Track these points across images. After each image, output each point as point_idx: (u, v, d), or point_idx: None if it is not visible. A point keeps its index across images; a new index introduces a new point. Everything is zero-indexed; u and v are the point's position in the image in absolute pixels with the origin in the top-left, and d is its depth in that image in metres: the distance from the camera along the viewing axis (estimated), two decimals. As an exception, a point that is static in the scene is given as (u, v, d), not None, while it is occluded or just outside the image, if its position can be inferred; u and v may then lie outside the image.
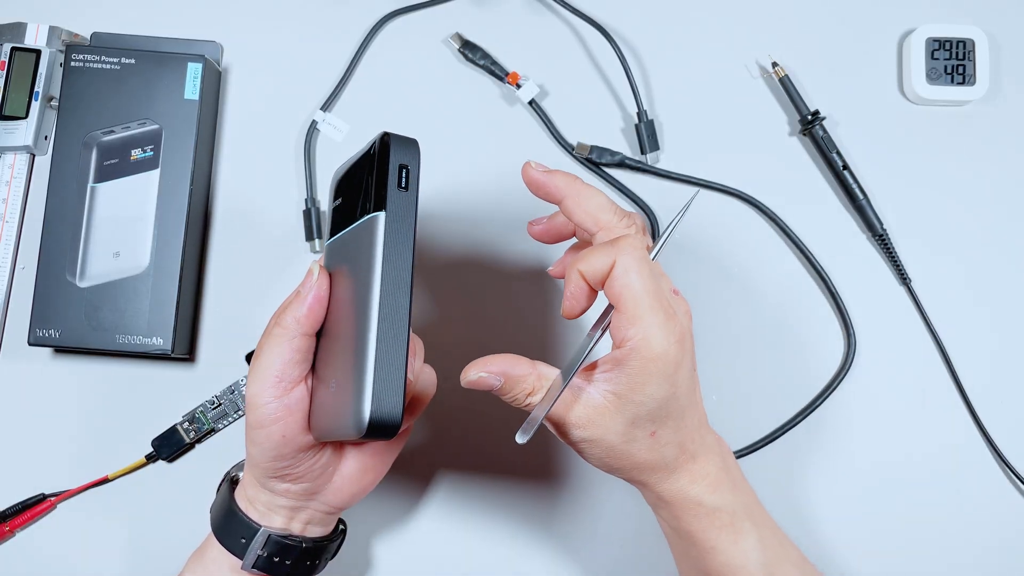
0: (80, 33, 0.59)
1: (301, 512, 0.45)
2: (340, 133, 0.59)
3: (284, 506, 0.44)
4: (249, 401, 0.41)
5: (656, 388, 0.38)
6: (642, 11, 0.60)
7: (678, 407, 0.39)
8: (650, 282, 0.38)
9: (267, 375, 0.40)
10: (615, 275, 0.38)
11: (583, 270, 0.40)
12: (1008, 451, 0.56)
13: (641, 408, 0.39)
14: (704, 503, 0.41)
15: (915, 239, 0.58)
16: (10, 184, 0.58)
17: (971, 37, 0.58)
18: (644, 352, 0.38)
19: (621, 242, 0.39)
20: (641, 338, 0.38)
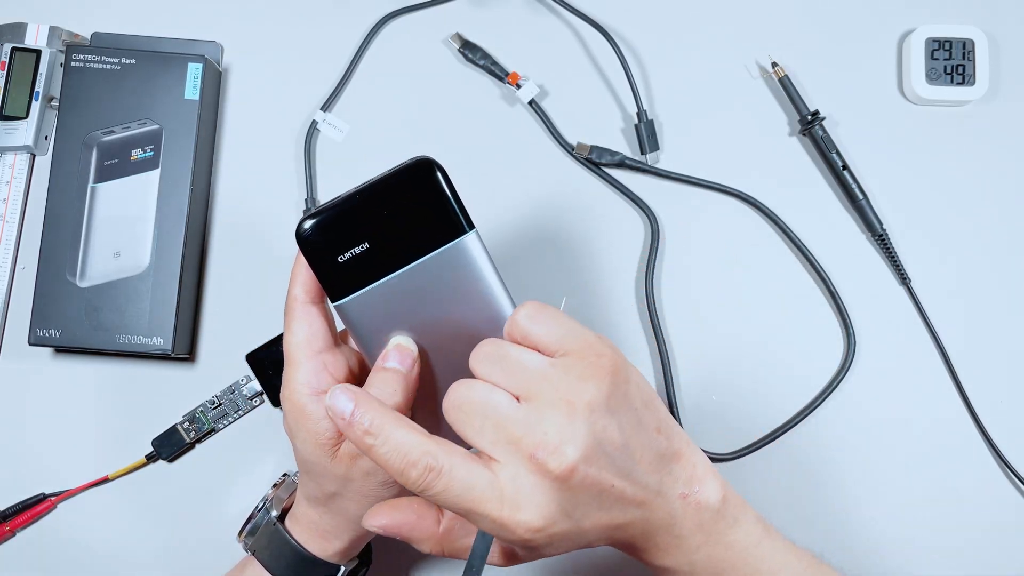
0: (80, 33, 0.59)
1: (367, 538, 0.46)
2: (340, 133, 0.59)
3: (365, 538, 0.45)
4: (385, 480, 0.40)
5: (535, 554, 0.37)
6: (642, 11, 0.60)
7: (576, 539, 0.36)
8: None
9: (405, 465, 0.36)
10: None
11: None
12: (1008, 451, 0.56)
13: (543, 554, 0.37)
14: (649, 563, 0.39)
15: (915, 239, 0.58)
16: (10, 184, 0.58)
17: (971, 37, 0.58)
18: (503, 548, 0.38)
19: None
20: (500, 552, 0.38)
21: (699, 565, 0.38)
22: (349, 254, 0.38)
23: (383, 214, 0.38)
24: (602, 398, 0.35)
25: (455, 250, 0.38)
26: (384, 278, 0.38)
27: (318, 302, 0.40)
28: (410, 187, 0.38)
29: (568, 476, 0.34)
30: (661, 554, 0.38)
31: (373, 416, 0.34)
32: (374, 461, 0.34)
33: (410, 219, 0.38)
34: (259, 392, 0.56)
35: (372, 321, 0.39)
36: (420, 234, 0.38)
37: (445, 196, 0.38)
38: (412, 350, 0.38)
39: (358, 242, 0.38)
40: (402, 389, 0.38)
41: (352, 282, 0.38)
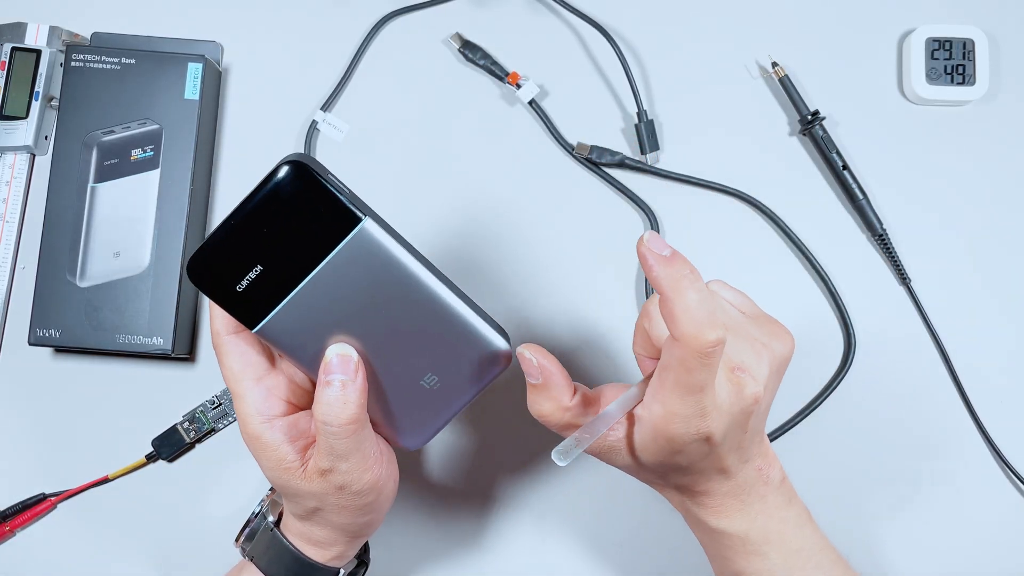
0: (80, 33, 0.59)
1: (363, 539, 0.46)
2: (340, 133, 0.59)
3: (360, 540, 0.45)
4: (361, 491, 0.40)
5: (658, 455, 0.39)
6: (642, 11, 0.60)
7: (680, 466, 0.39)
8: (703, 375, 0.36)
9: (364, 463, 0.40)
10: (675, 355, 0.36)
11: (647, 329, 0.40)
12: (1008, 451, 0.56)
13: (643, 458, 0.39)
14: (707, 524, 0.42)
15: (915, 239, 0.58)
16: (10, 184, 0.58)
17: (971, 37, 0.58)
18: (658, 425, 0.38)
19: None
20: (660, 415, 0.37)
21: (752, 533, 0.42)
22: (245, 281, 0.37)
23: (263, 231, 0.36)
24: (781, 360, 0.41)
25: (353, 244, 0.36)
26: (290, 294, 0.37)
27: (242, 330, 0.40)
28: (283, 195, 0.36)
29: (752, 402, 0.38)
30: (723, 515, 0.41)
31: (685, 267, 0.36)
32: (683, 304, 0.35)
33: (295, 228, 0.36)
34: (259, 392, 0.56)
35: (298, 337, 0.38)
36: (310, 240, 0.36)
37: (324, 192, 0.36)
38: (352, 356, 0.38)
39: (249, 267, 0.37)
40: (353, 398, 0.38)
41: (260, 307, 0.37)
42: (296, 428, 0.40)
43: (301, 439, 0.40)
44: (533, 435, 0.56)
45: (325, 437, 0.38)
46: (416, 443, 0.42)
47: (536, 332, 0.57)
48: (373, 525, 0.45)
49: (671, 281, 0.35)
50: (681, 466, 0.39)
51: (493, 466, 0.56)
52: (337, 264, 0.37)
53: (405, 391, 0.40)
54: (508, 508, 0.56)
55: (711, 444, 0.38)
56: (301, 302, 0.37)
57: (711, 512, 0.42)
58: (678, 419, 0.37)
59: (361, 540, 0.46)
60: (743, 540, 0.42)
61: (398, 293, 0.38)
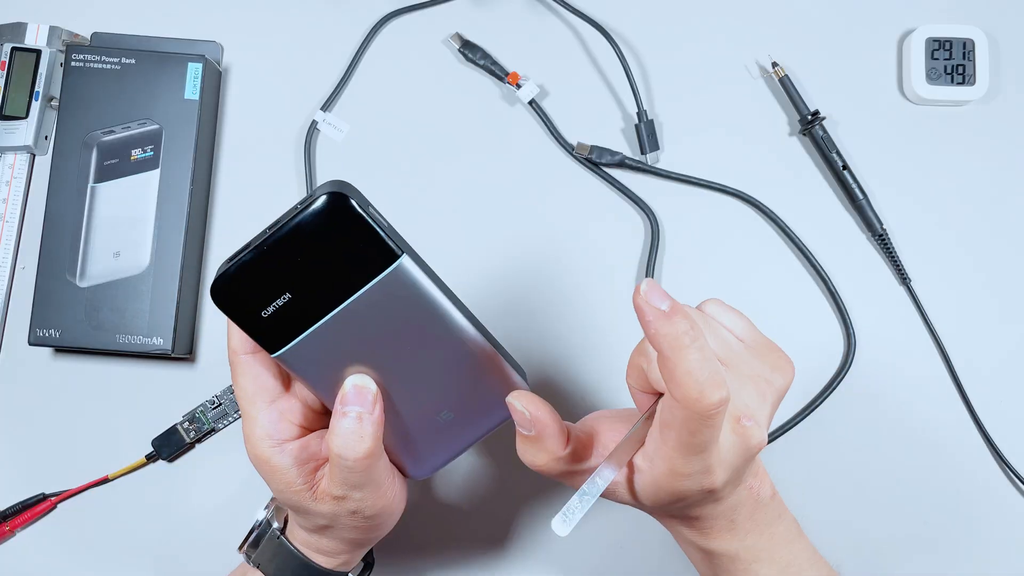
0: (80, 33, 0.59)
1: (370, 545, 0.46)
2: (340, 133, 0.59)
3: (367, 548, 0.46)
4: (374, 516, 0.40)
5: (657, 501, 0.38)
6: (642, 11, 0.60)
7: (683, 512, 0.39)
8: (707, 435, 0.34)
9: (378, 491, 0.39)
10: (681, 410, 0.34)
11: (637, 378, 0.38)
12: (1008, 451, 0.56)
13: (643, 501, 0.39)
14: (698, 544, 0.42)
15: (915, 239, 0.58)
16: (10, 184, 0.58)
17: (971, 37, 0.58)
18: (661, 481, 0.36)
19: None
20: (664, 472, 0.36)
21: (742, 551, 0.41)
22: (272, 307, 0.35)
23: (296, 260, 0.34)
24: (781, 393, 0.39)
25: (388, 280, 0.35)
26: (316, 324, 0.36)
27: (259, 351, 0.38)
28: (324, 226, 0.34)
29: (757, 450, 0.36)
30: (713, 536, 0.41)
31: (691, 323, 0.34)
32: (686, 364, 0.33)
33: (330, 259, 0.35)
34: (259, 392, 0.56)
35: (318, 366, 0.37)
36: (345, 272, 0.35)
37: (364, 226, 0.34)
38: (371, 388, 0.37)
39: (277, 294, 0.35)
40: (370, 432, 0.37)
41: (283, 333, 0.36)
42: (306, 451, 0.39)
43: (311, 462, 0.39)
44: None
45: (339, 469, 0.37)
46: (422, 473, 0.42)
47: (535, 332, 0.57)
48: (382, 535, 0.45)
49: (671, 340, 0.33)
50: (680, 506, 0.38)
51: (498, 468, 0.56)
52: (368, 299, 0.35)
53: (419, 423, 0.40)
54: (514, 512, 0.56)
55: (713, 494, 0.37)
56: (326, 332, 0.36)
57: (702, 534, 0.41)
58: (683, 478, 0.36)
59: (368, 547, 0.46)
60: (733, 559, 0.41)
61: (425, 331, 0.37)
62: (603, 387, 0.57)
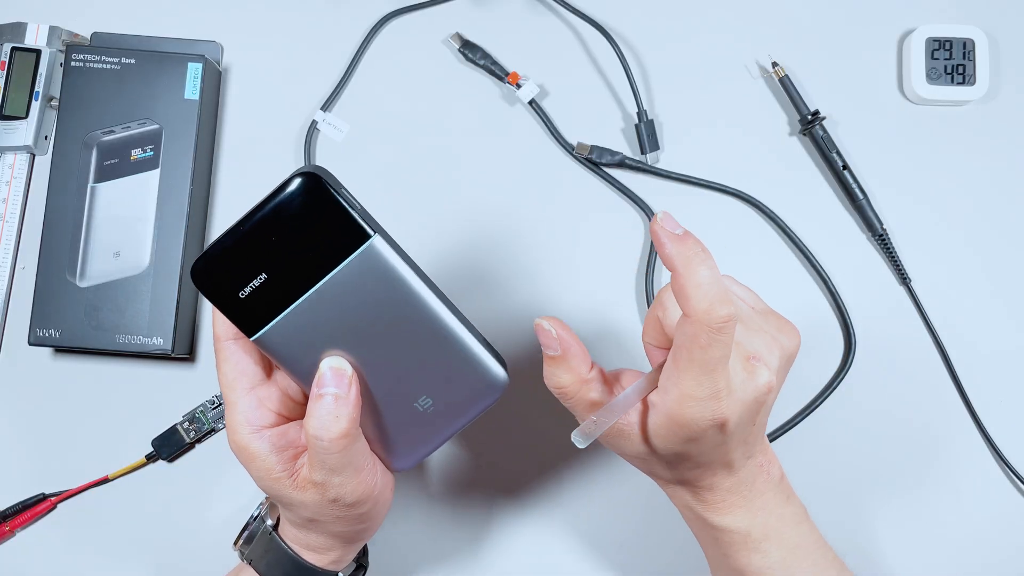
0: (80, 33, 0.59)
1: (361, 543, 0.46)
2: (340, 133, 0.59)
3: (358, 545, 0.45)
4: (354, 503, 0.40)
5: (671, 443, 0.39)
6: (642, 11, 0.60)
7: (691, 455, 0.39)
8: (717, 352, 0.36)
9: (358, 476, 0.39)
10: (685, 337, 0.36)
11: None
12: (1008, 451, 0.56)
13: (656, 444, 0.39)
14: (709, 521, 0.42)
15: (915, 239, 0.58)
16: (10, 184, 0.58)
17: (971, 37, 0.58)
18: (673, 409, 0.37)
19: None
20: (675, 398, 0.37)
21: (753, 529, 0.42)
22: (249, 288, 0.36)
23: (272, 240, 0.36)
24: (788, 355, 0.41)
25: (361, 259, 0.36)
26: (292, 305, 0.37)
27: (241, 337, 0.39)
28: (296, 206, 0.36)
29: (765, 391, 0.38)
30: (725, 511, 0.42)
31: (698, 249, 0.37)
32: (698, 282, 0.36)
33: (304, 239, 0.36)
34: (259, 392, 0.56)
35: (295, 348, 0.38)
36: (318, 252, 0.36)
37: (336, 207, 0.36)
38: (346, 370, 0.38)
39: (254, 274, 0.36)
40: (346, 412, 0.37)
41: (261, 315, 0.37)
42: (285, 438, 0.40)
43: (290, 449, 0.40)
44: (535, 437, 0.56)
45: (316, 451, 0.38)
46: (404, 465, 0.42)
47: (534, 333, 0.57)
48: (371, 530, 0.45)
49: (683, 259, 0.36)
50: (691, 456, 0.39)
51: (493, 467, 0.56)
52: (342, 279, 0.36)
53: (398, 411, 0.40)
54: (509, 508, 0.56)
55: (724, 432, 0.38)
56: (302, 314, 0.37)
57: (714, 508, 0.42)
58: (693, 401, 0.37)
59: (359, 544, 0.46)
60: (744, 536, 0.42)
61: (400, 313, 0.37)
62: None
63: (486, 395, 0.40)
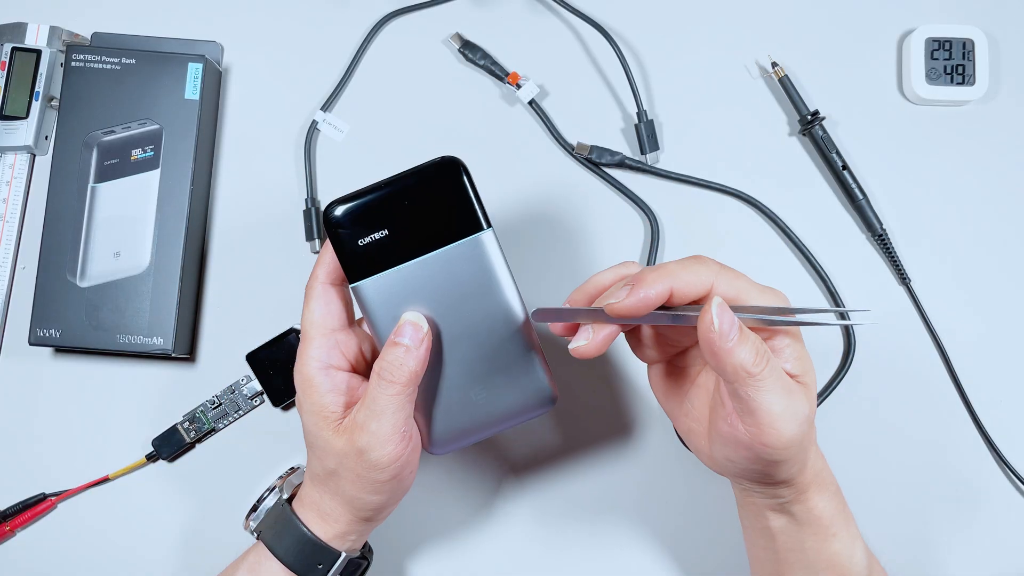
0: (80, 33, 0.59)
1: (371, 525, 0.46)
2: (340, 133, 0.59)
3: (368, 525, 0.46)
4: (377, 463, 0.41)
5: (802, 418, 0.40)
6: (642, 11, 0.60)
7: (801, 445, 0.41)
8: (784, 399, 0.38)
9: (394, 436, 0.41)
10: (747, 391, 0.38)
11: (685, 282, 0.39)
12: (1008, 451, 0.56)
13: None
14: (833, 486, 0.44)
15: (915, 239, 0.58)
16: (10, 184, 0.58)
17: (971, 37, 0.58)
18: (766, 457, 0.39)
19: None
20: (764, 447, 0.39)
21: (825, 513, 0.43)
22: (369, 239, 0.41)
23: (404, 204, 0.41)
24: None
25: (471, 245, 0.41)
26: (400, 265, 0.41)
27: (337, 284, 0.43)
28: (434, 182, 0.41)
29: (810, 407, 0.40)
30: (807, 492, 0.43)
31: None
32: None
33: (430, 212, 0.41)
34: (259, 392, 0.56)
35: (385, 305, 0.41)
36: (438, 227, 0.41)
37: (466, 193, 0.41)
38: (423, 326, 0.41)
39: (378, 228, 0.41)
40: (413, 364, 0.40)
41: (370, 265, 0.41)
42: (347, 384, 0.42)
43: (347, 395, 0.42)
44: (536, 433, 0.56)
45: (372, 389, 0.40)
46: (442, 449, 0.44)
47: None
48: (383, 510, 0.45)
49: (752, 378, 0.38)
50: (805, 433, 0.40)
51: (497, 460, 0.56)
52: (449, 256, 0.41)
53: (453, 394, 0.43)
54: (507, 503, 0.56)
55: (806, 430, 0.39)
56: (405, 276, 0.41)
57: (798, 492, 0.42)
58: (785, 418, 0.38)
59: (368, 524, 0.45)
60: (817, 522, 0.43)
61: (486, 304, 0.41)
62: (603, 386, 0.57)
63: (535, 406, 0.43)
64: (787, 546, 0.44)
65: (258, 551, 0.46)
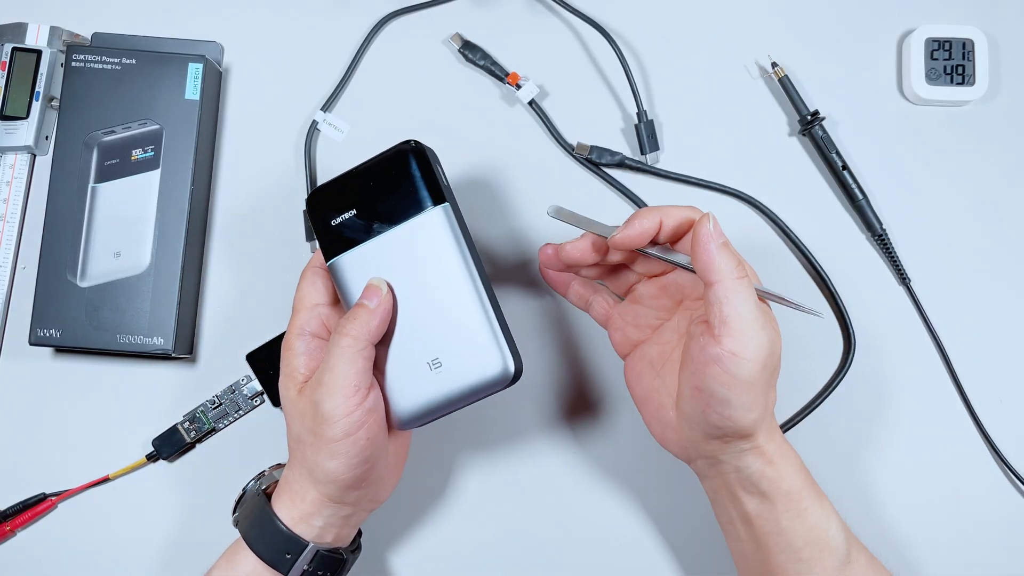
0: (81, 33, 0.59)
1: (353, 518, 0.46)
2: (340, 133, 0.59)
3: (344, 515, 0.45)
4: (327, 416, 0.42)
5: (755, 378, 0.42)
6: (642, 11, 0.60)
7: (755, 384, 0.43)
8: (755, 310, 0.42)
9: (344, 388, 0.42)
10: (725, 292, 0.42)
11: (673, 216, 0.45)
12: (1008, 451, 0.56)
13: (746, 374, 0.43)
14: (796, 461, 0.46)
15: (915, 239, 0.58)
16: (11, 184, 0.58)
17: (971, 37, 0.58)
18: (734, 371, 0.41)
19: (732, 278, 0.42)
20: (733, 356, 0.41)
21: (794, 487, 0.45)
22: (340, 219, 0.45)
23: (369, 184, 0.45)
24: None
25: (425, 220, 0.44)
26: (365, 242, 0.45)
27: (327, 268, 0.46)
28: (391, 165, 0.45)
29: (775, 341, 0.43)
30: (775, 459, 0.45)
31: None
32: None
33: (390, 192, 0.45)
34: (259, 392, 0.56)
35: (354, 280, 0.45)
36: (395, 206, 0.45)
37: (419, 173, 0.45)
38: (383, 289, 0.43)
39: (347, 209, 0.45)
40: (368, 316, 0.43)
41: (341, 244, 0.45)
42: (320, 351, 0.45)
43: (317, 361, 0.45)
44: (530, 434, 0.56)
45: (330, 344, 0.43)
46: (405, 420, 0.44)
47: (534, 333, 0.57)
48: (344, 485, 0.44)
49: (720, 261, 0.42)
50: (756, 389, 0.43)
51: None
52: (409, 230, 0.44)
53: (411, 362, 0.44)
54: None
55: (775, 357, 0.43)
56: (370, 251, 0.45)
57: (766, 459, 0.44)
58: (753, 330, 0.42)
59: (336, 507, 0.45)
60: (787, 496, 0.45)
61: (441, 275, 0.44)
62: (602, 385, 0.57)
63: (495, 380, 0.43)
64: (765, 529, 0.45)
65: (237, 542, 0.46)
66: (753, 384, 0.42)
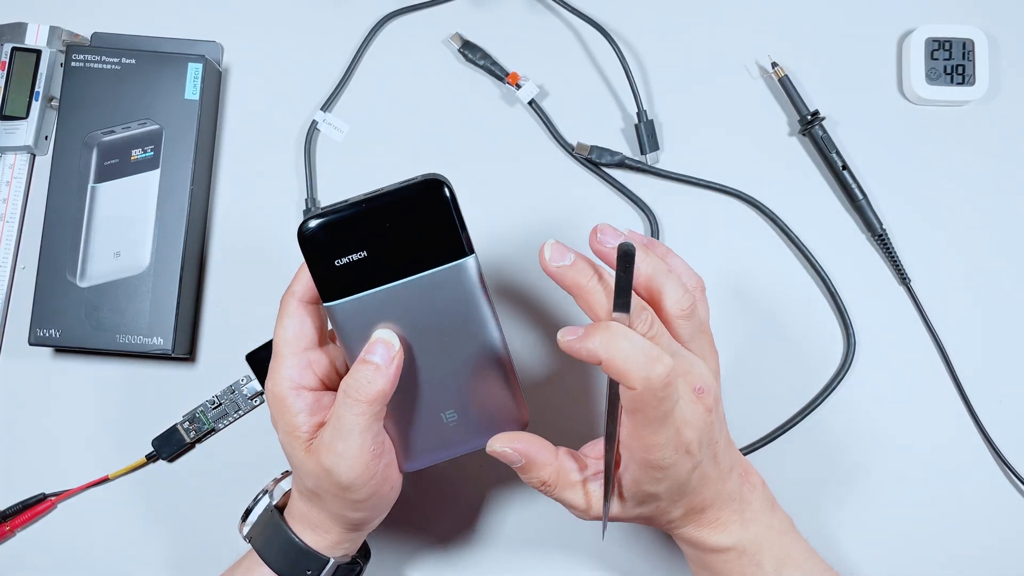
0: (80, 33, 0.59)
1: (362, 533, 0.46)
2: (340, 133, 0.59)
3: (360, 534, 0.46)
4: (350, 484, 0.41)
5: (653, 484, 0.40)
6: (642, 11, 0.60)
7: (683, 490, 0.41)
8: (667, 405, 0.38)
9: (362, 456, 0.40)
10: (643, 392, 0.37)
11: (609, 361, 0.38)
12: (1008, 451, 0.56)
13: (647, 496, 0.41)
14: (708, 544, 0.43)
15: (915, 239, 0.58)
16: (10, 184, 0.58)
17: (971, 37, 0.58)
18: (643, 459, 0.39)
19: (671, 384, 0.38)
20: (641, 449, 0.39)
21: (748, 544, 0.43)
22: (346, 259, 0.38)
23: (386, 226, 0.38)
24: (719, 369, 0.43)
25: (452, 271, 0.39)
26: (377, 288, 0.39)
27: (314, 302, 0.42)
28: (416, 204, 0.38)
29: (711, 408, 0.39)
30: (721, 530, 0.43)
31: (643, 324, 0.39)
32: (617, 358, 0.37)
33: (412, 235, 0.39)
34: (259, 392, 0.56)
35: (360, 327, 0.40)
36: (419, 251, 0.39)
37: (449, 217, 0.39)
38: (395, 345, 0.39)
39: (357, 249, 0.38)
40: (382, 383, 0.39)
41: (345, 287, 0.39)
42: (319, 404, 0.42)
43: (319, 414, 0.41)
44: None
45: (338, 407, 0.39)
46: (412, 466, 0.44)
47: (533, 332, 0.57)
48: (370, 522, 0.45)
49: (602, 344, 0.37)
50: (675, 487, 0.41)
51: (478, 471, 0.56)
52: (430, 282, 0.39)
53: (425, 415, 0.42)
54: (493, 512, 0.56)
55: (691, 455, 0.39)
56: (381, 298, 0.39)
57: (712, 529, 0.43)
58: (658, 448, 0.38)
59: (359, 533, 0.46)
60: (740, 552, 0.43)
61: (463, 331, 0.40)
62: (601, 384, 0.57)
63: (506, 429, 0.43)
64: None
65: (251, 557, 0.46)
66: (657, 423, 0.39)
